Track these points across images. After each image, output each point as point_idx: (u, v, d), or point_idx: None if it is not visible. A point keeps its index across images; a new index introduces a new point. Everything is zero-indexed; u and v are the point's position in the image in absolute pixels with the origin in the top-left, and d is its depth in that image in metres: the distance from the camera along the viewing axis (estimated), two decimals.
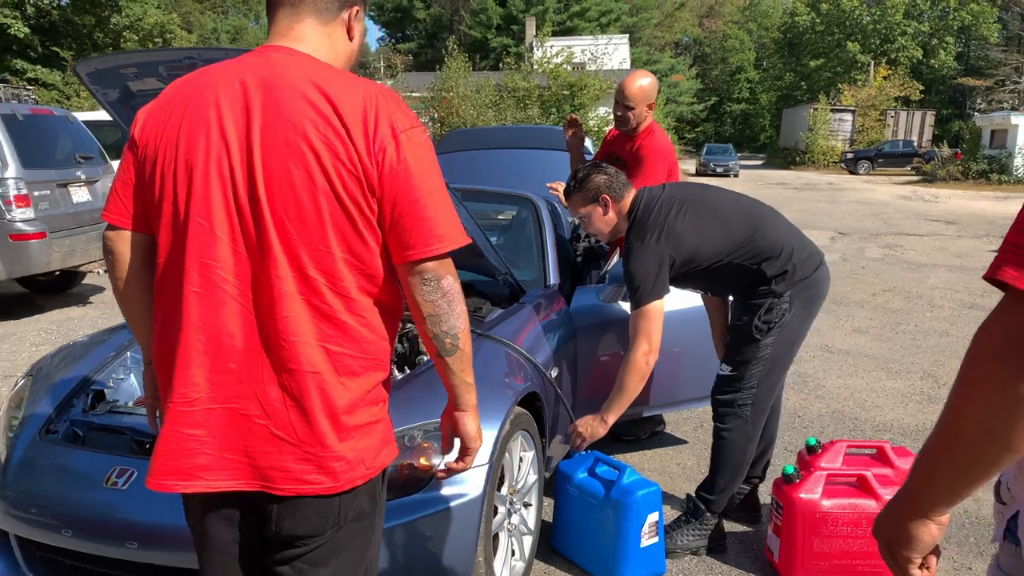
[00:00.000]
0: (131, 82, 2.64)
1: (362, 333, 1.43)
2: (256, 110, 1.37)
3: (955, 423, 0.98)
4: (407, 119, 1.42)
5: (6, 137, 6.20)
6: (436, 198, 1.41)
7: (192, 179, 1.39)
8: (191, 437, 1.41)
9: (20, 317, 6.86)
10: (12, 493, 2.35)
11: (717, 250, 2.83)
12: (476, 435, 1.62)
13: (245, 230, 1.38)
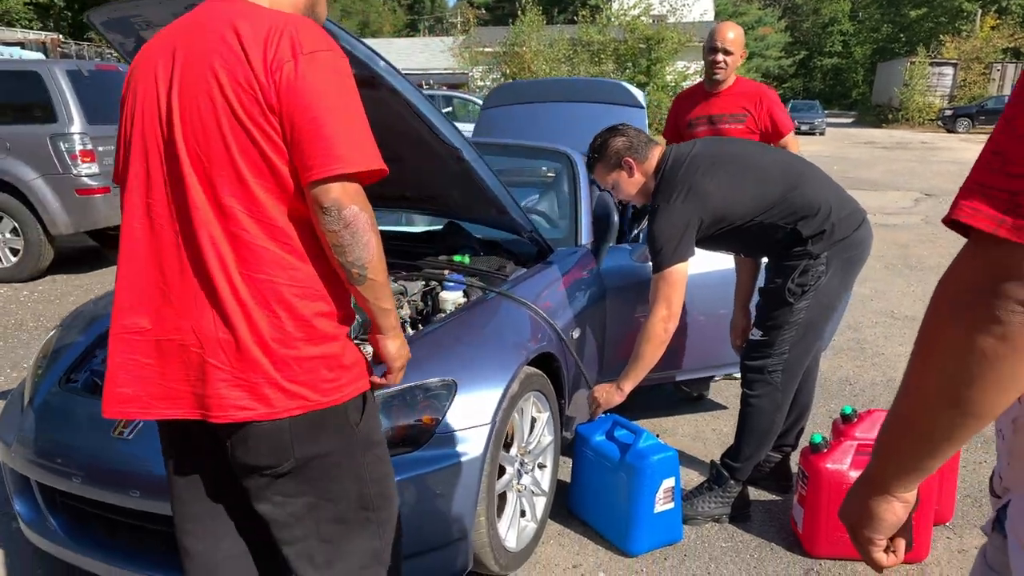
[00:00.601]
0: (143, 32, 2.63)
1: (288, 260, 1.42)
2: (180, 52, 1.43)
3: (913, 388, 0.88)
4: (315, 43, 1.39)
5: (72, 93, 6.39)
6: (338, 116, 1.37)
7: (134, 124, 1.48)
8: (143, 365, 1.46)
9: (88, 270, 7.15)
10: (30, 438, 2.42)
11: (748, 209, 2.67)
12: (396, 355, 1.60)
13: (169, 165, 1.43)
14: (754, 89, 3.78)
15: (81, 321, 2.92)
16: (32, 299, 6.17)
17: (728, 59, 3.66)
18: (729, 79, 3.75)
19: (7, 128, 6.44)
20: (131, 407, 1.48)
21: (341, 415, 1.51)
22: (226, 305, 1.40)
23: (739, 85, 3.79)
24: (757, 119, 3.69)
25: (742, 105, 3.70)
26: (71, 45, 21.17)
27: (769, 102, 3.69)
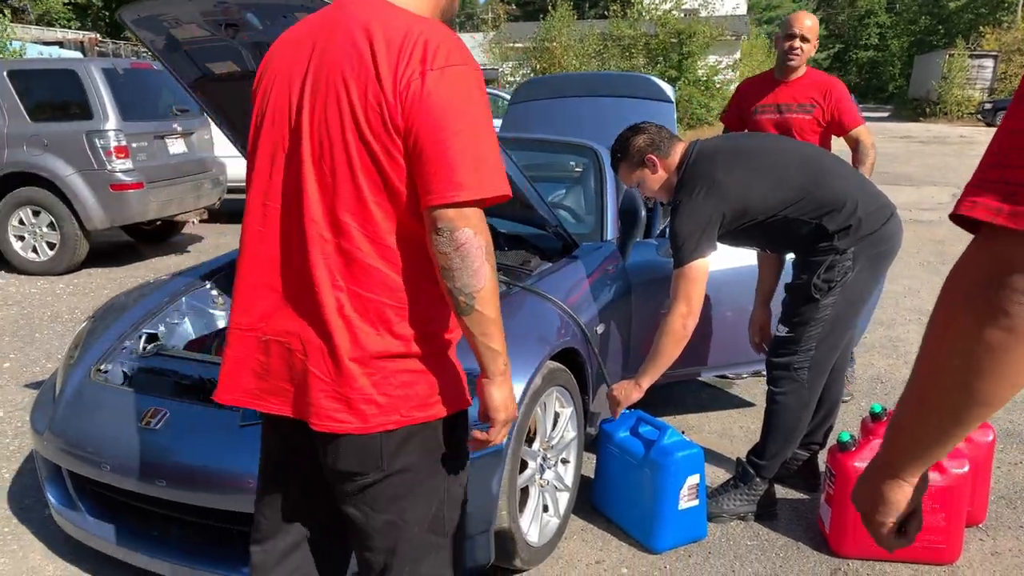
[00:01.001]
0: (173, 30, 2.67)
1: (395, 280, 1.40)
2: (316, 53, 1.41)
3: (924, 375, 0.89)
4: (446, 56, 1.34)
5: (108, 90, 6.49)
6: (463, 139, 1.32)
7: (264, 124, 1.48)
8: (255, 361, 1.50)
9: (122, 264, 7.26)
10: (61, 428, 2.47)
11: (771, 203, 2.63)
12: (501, 406, 1.49)
13: (291, 171, 1.43)
14: (824, 80, 3.73)
15: (112, 313, 2.97)
16: (67, 292, 6.29)
17: (804, 46, 3.64)
18: (801, 68, 3.72)
19: (45, 125, 6.57)
20: (244, 396, 1.53)
21: (431, 433, 1.49)
22: (330, 319, 1.40)
23: (810, 75, 3.75)
24: (825, 111, 3.64)
25: (811, 96, 3.67)
26: (108, 44, 21.53)
27: (838, 94, 3.65)
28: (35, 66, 7.30)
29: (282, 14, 2.43)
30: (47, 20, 24.88)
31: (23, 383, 4.25)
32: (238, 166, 7.93)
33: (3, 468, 3.29)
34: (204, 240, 8.41)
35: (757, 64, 25.67)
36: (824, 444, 3.07)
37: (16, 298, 6.08)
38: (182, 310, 3.06)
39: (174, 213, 7.22)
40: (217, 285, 3.22)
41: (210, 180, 7.63)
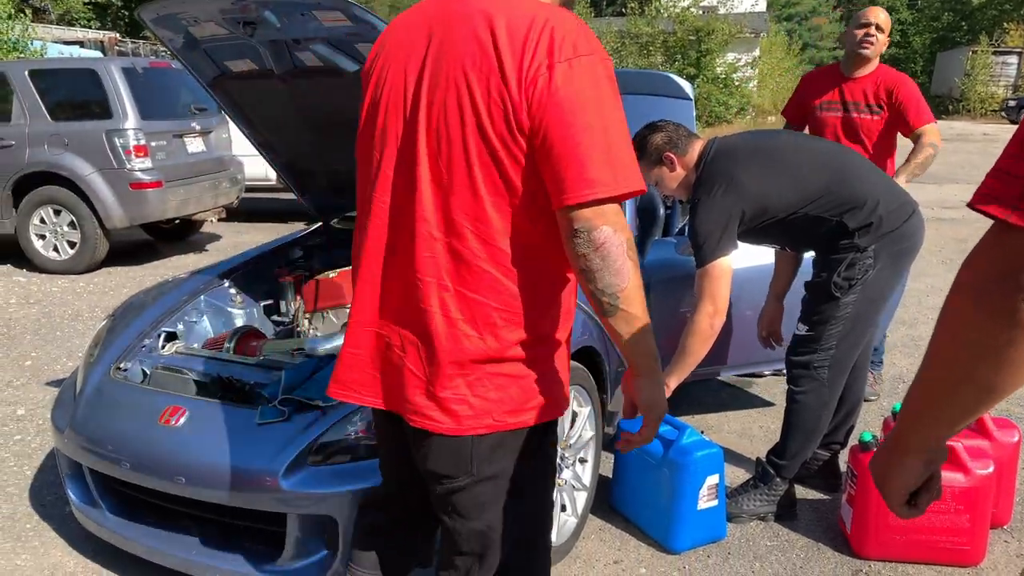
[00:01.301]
0: (192, 28, 2.68)
1: (504, 284, 1.36)
2: (433, 45, 1.35)
3: (935, 364, 0.93)
4: (573, 47, 1.27)
5: (127, 90, 6.53)
6: (595, 134, 1.25)
7: (377, 114, 1.43)
8: (355, 355, 1.51)
9: (141, 263, 7.31)
10: (81, 425, 2.48)
11: (791, 201, 2.60)
12: (653, 404, 1.45)
13: (403, 167, 1.38)
14: (892, 78, 3.59)
15: (131, 312, 2.98)
16: (88, 291, 6.34)
17: (879, 36, 3.54)
18: (872, 63, 3.61)
19: (65, 124, 6.62)
20: (350, 391, 1.53)
21: (523, 440, 1.46)
22: (433, 319, 1.37)
23: (880, 72, 3.63)
24: (890, 109, 3.55)
25: (879, 95, 3.57)
26: (128, 43, 21.70)
27: (906, 92, 3.53)
28: (56, 65, 7.36)
29: (300, 11, 2.43)
30: (67, 20, 25.12)
31: (44, 381, 4.29)
32: (256, 165, 7.98)
33: (25, 465, 3.32)
34: (222, 239, 8.46)
35: (776, 62, 25.52)
36: (845, 444, 3.04)
37: (37, 296, 6.13)
38: (200, 308, 3.07)
39: (192, 212, 7.26)
40: (235, 283, 3.22)
41: (228, 179, 7.67)
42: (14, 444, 3.52)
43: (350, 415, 2.22)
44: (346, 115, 2.95)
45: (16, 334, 5.14)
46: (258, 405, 2.32)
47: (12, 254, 7.16)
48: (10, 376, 4.37)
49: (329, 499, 2.11)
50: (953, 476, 2.51)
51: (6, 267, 7.07)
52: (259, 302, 3.30)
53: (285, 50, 2.67)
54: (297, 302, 3.20)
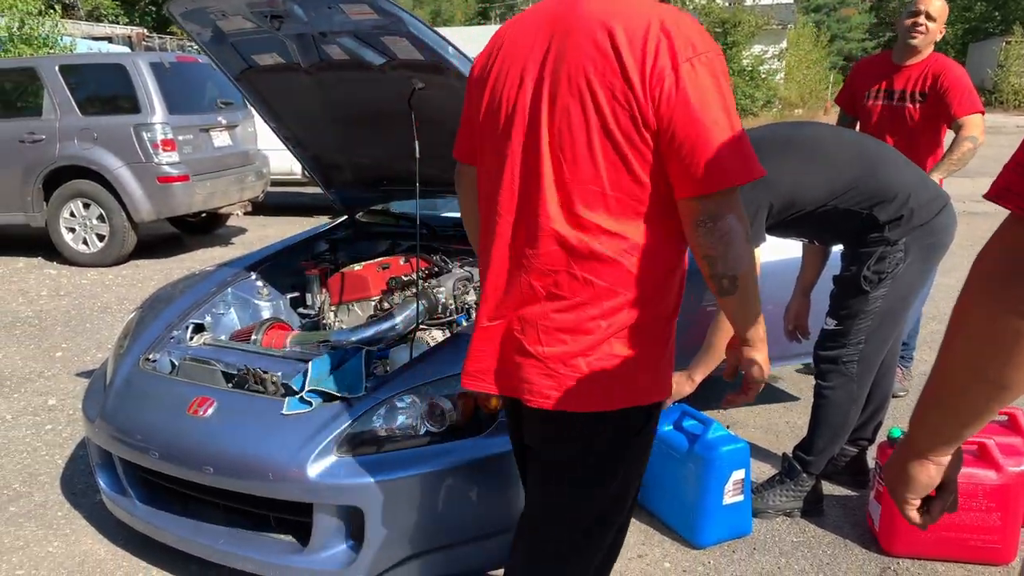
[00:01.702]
0: (220, 22, 2.69)
1: (625, 273, 1.42)
2: (553, 49, 1.41)
3: (946, 360, 0.92)
4: (692, 46, 1.34)
5: (155, 84, 6.61)
6: (719, 130, 1.32)
7: (498, 114, 1.49)
8: (483, 347, 1.57)
9: (168, 256, 7.40)
10: (111, 415, 2.52)
11: (820, 193, 2.57)
12: (759, 369, 1.58)
13: (527, 165, 1.45)
14: (940, 65, 3.50)
15: (159, 304, 3.02)
16: (116, 283, 6.42)
17: (929, 25, 3.46)
18: (924, 51, 3.53)
19: (95, 119, 6.71)
20: (478, 381, 1.59)
21: (624, 420, 1.51)
22: (555, 303, 1.44)
23: (932, 61, 3.53)
24: (934, 96, 3.47)
25: (925, 83, 3.49)
26: (155, 38, 21.91)
27: (950, 80, 3.44)
28: (85, 61, 7.45)
29: (326, 5, 2.43)
30: (96, 15, 25.40)
31: (75, 372, 4.36)
32: (281, 159, 8.04)
33: (56, 454, 3.37)
34: (248, 232, 8.53)
35: (804, 54, 25.23)
36: (873, 440, 3.00)
37: (68, 289, 6.23)
38: (228, 300, 3.10)
39: (219, 205, 7.33)
40: (262, 276, 3.25)
41: (254, 172, 7.73)
42: (46, 433, 3.58)
43: (376, 407, 2.23)
44: (372, 108, 2.97)
45: (47, 325, 5.23)
46: (285, 396, 2.33)
47: (43, 246, 7.27)
48: (41, 367, 4.44)
49: (355, 490, 2.12)
50: (985, 473, 2.47)
51: (37, 259, 7.19)
52: (285, 294, 3.33)
53: (312, 43, 2.67)
54: (323, 295, 3.22)
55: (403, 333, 2.80)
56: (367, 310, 3.06)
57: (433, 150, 2.97)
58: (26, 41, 12.41)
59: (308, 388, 2.32)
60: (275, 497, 2.21)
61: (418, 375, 2.32)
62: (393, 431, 2.22)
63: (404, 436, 2.22)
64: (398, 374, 2.36)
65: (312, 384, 2.33)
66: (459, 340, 2.48)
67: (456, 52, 2.50)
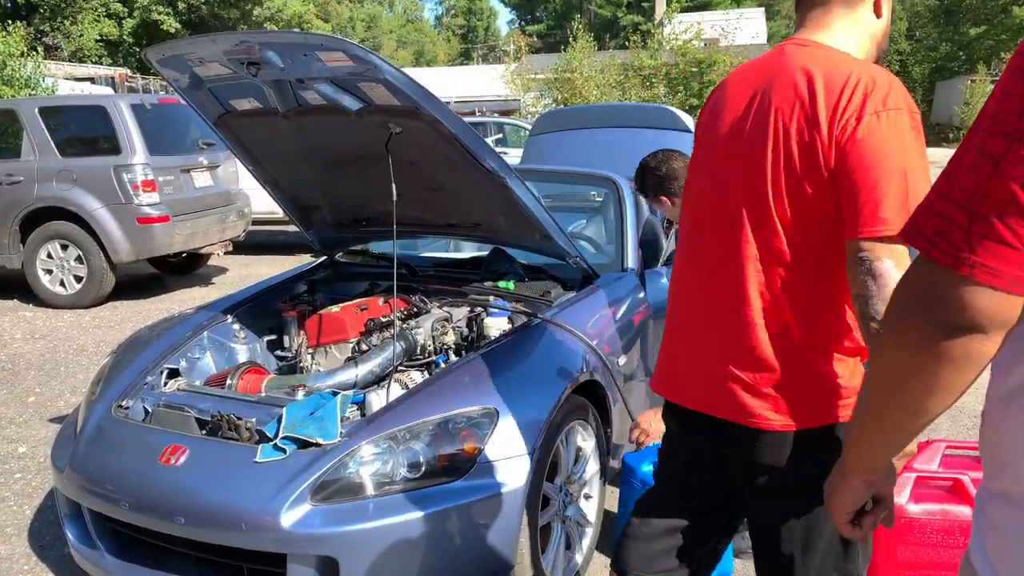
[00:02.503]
0: (196, 68, 2.71)
1: (814, 297, 1.49)
2: (758, 96, 1.52)
3: (867, 387, 0.99)
4: (884, 101, 1.40)
5: (136, 126, 6.60)
6: (894, 180, 1.36)
7: (711, 153, 1.61)
8: (675, 360, 1.68)
9: (148, 296, 7.34)
10: (80, 465, 2.47)
11: None
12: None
13: (727, 200, 1.55)
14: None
15: (134, 348, 2.98)
16: (93, 325, 6.35)
17: None
18: None
19: (74, 160, 6.69)
20: (670, 391, 1.68)
21: (827, 437, 1.52)
22: (756, 329, 1.50)
23: None
24: None
25: None
26: (138, 79, 22.00)
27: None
28: (66, 103, 7.46)
29: (302, 52, 2.45)
30: (79, 56, 25.49)
31: (47, 418, 4.29)
32: (263, 198, 8.01)
33: (25, 505, 3.30)
34: (229, 271, 8.49)
35: None
36: None
37: (43, 332, 6.15)
38: (203, 345, 3.07)
39: (199, 245, 7.30)
40: (239, 319, 3.23)
41: (235, 212, 7.71)
42: (15, 483, 3.50)
43: (352, 453, 2.21)
44: (350, 152, 2.98)
45: (20, 369, 5.15)
46: (259, 443, 2.30)
47: (19, 288, 7.19)
48: (13, 413, 4.36)
49: (330, 539, 2.09)
50: (960, 510, 2.47)
51: (12, 302, 7.11)
52: (262, 337, 3.30)
53: (289, 89, 2.69)
54: (300, 337, 3.20)
55: (380, 375, 2.78)
56: (345, 352, 3.04)
57: (410, 192, 2.99)
58: (7, 82, 12.43)
59: (282, 435, 2.29)
60: (248, 548, 2.17)
61: (394, 420, 2.29)
62: (369, 478, 2.19)
63: (380, 483, 2.19)
64: (374, 418, 2.34)
65: (286, 430, 2.30)
66: (435, 383, 2.47)
67: (432, 98, 2.52)
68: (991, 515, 0.93)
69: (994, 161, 0.79)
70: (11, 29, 13.14)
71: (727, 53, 21.75)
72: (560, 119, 5.43)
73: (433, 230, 3.48)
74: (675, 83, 21.95)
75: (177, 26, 24.46)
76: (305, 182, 3.30)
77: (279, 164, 3.23)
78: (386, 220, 3.28)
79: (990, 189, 0.78)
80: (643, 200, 3.99)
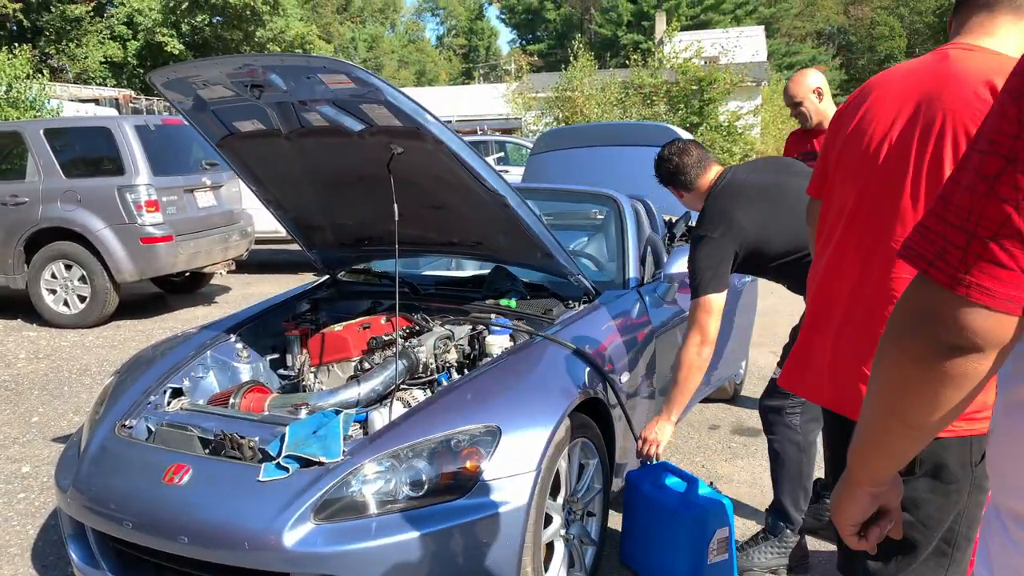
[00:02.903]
0: (200, 91, 2.74)
1: None
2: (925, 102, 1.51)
3: (868, 401, 0.99)
4: None
5: (140, 146, 6.65)
6: None
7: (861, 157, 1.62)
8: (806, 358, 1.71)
9: (151, 316, 7.36)
10: (84, 484, 2.47)
11: (785, 249, 2.63)
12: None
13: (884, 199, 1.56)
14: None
15: (138, 368, 2.99)
16: (97, 344, 6.37)
17: (808, 107, 3.62)
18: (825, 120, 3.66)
19: (79, 181, 6.73)
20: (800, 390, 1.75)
21: (965, 449, 1.53)
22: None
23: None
24: None
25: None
26: (142, 100, 22.16)
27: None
28: (70, 124, 7.51)
29: (305, 75, 2.48)
30: (84, 78, 25.70)
31: (51, 437, 4.29)
32: (266, 217, 8.06)
33: (29, 525, 3.30)
34: (232, 290, 8.52)
35: (778, 109, 25.75)
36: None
37: (47, 351, 6.17)
38: (207, 364, 3.08)
39: (202, 264, 7.32)
40: (242, 338, 3.24)
41: (238, 231, 7.75)
42: (18, 503, 3.51)
43: (355, 471, 2.21)
44: (352, 172, 3.00)
45: (24, 389, 5.16)
46: (262, 462, 2.31)
47: (23, 309, 7.22)
48: (16, 432, 4.37)
49: (333, 558, 2.09)
50: None
51: (16, 322, 7.13)
52: (265, 356, 3.31)
53: (292, 111, 2.72)
54: (303, 356, 3.21)
55: (383, 394, 2.79)
56: (347, 371, 3.05)
57: (412, 211, 3.01)
58: (12, 104, 12.52)
59: (285, 453, 2.30)
60: (251, 567, 2.17)
61: (397, 438, 2.30)
62: (372, 496, 2.19)
63: (383, 501, 2.19)
64: (377, 437, 2.34)
65: (289, 449, 2.30)
66: (438, 401, 2.48)
67: (433, 118, 2.55)
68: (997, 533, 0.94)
69: (988, 182, 0.80)
70: (17, 52, 13.26)
71: (727, 71, 21.88)
72: (561, 138, 5.47)
73: (435, 249, 3.50)
74: (676, 101, 22.05)
75: (181, 47, 24.70)
76: (308, 202, 3.33)
77: (282, 184, 3.26)
78: (388, 239, 3.31)
79: (985, 210, 0.80)
80: (644, 217, 4.03)
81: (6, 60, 12.83)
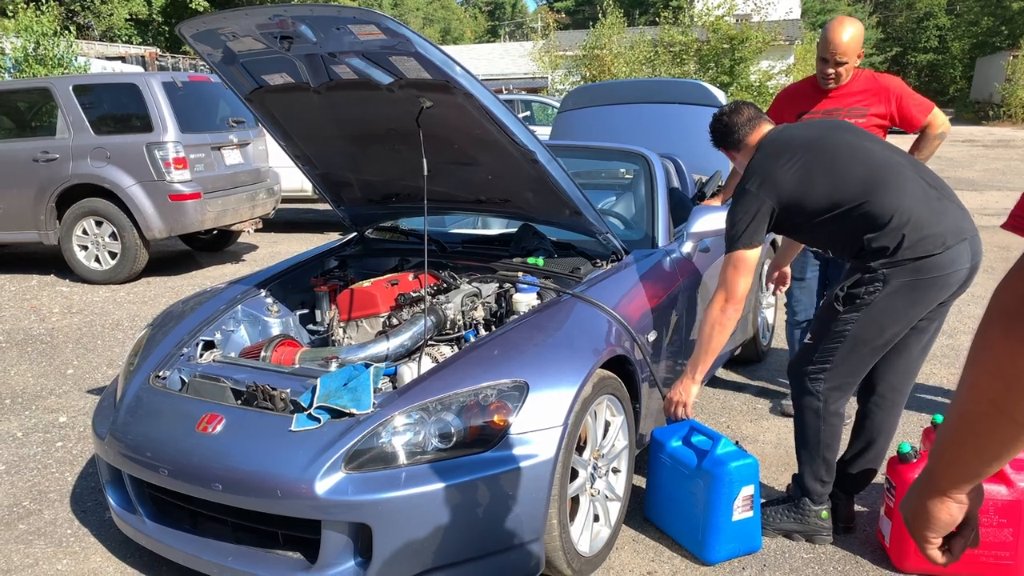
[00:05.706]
0: (229, 43, 2.73)
1: None
2: None
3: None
4: None
5: (167, 103, 6.68)
6: None
7: None
8: None
9: (180, 273, 7.45)
10: (121, 433, 2.53)
11: (822, 206, 2.56)
12: None
13: None
14: (877, 84, 3.44)
15: (170, 321, 3.04)
16: (128, 300, 6.47)
17: (840, 71, 3.40)
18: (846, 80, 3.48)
19: (108, 138, 6.78)
20: None
21: None
22: None
23: (857, 80, 3.47)
24: (886, 114, 3.42)
25: (861, 100, 3.44)
26: (168, 58, 22.17)
27: (895, 92, 3.41)
28: (99, 80, 7.54)
29: (335, 26, 2.46)
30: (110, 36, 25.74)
31: (85, 389, 4.39)
32: (292, 176, 8.10)
33: (67, 472, 3.39)
34: (259, 249, 8.58)
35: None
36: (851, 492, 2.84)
37: (80, 306, 6.27)
38: (237, 318, 3.12)
39: (230, 222, 7.38)
40: (271, 293, 3.27)
41: (265, 190, 7.78)
42: (56, 451, 3.60)
43: (384, 423, 2.24)
44: (381, 127, 2.99)
45: (59, 343, 5.27)
46: (294, 413, 2.34)
47: (56, 264, 7.34)
48: (53, 384, 4.47)
49: (363, 506, 2.13)
50: (996, 489, 2.45)
51: (50, 277, 7.25)
52: (295, 311, 3.35)
53: (321, 63, 2.70)
54: (332, 311, 3.23)
55: (411, 349, 2.81)
56: (376, 326, 3.08)
57: (440, 167, 3.00)
58: (41, 61, 12.58)
59: (316, 405, 2.33)
60: (283, 514, 2.22)
61: (426, 391, 2.32)
62: (401, 447, 2.22)
63: (412, 452, 2.22)
64: (406, 390, 2.37)
65: (320, 400, 2.34)
66: (466, 356, 2.49)
67: (463, 71, 2.52)
68: None
69: None
70: (44, 8, 13.27)
71: (760, 29, 21.43)
72: (590, 95, 5.39)
73: (463, 206, 3.49)
74: (706, 60, 21.67)
75: (205, 4, 24.58)
76: (336, 158, 3.33)
77: (310, 139, 3.26)
78: (416, 196, 3.31)
79: None
80: (673, 176, 3.98)
81: (34, 17, 12.85)
